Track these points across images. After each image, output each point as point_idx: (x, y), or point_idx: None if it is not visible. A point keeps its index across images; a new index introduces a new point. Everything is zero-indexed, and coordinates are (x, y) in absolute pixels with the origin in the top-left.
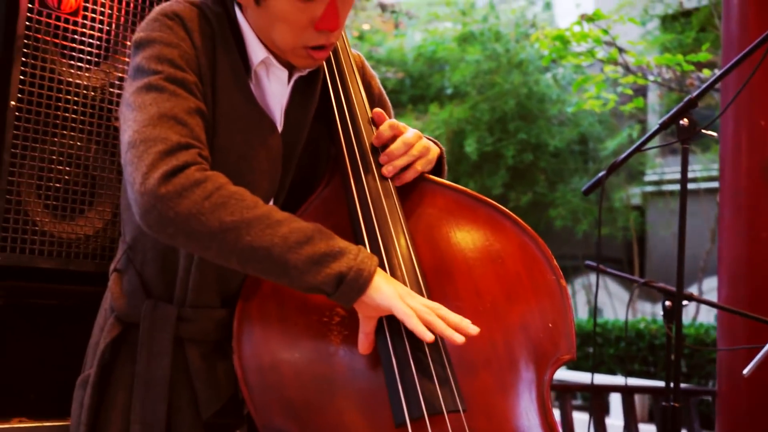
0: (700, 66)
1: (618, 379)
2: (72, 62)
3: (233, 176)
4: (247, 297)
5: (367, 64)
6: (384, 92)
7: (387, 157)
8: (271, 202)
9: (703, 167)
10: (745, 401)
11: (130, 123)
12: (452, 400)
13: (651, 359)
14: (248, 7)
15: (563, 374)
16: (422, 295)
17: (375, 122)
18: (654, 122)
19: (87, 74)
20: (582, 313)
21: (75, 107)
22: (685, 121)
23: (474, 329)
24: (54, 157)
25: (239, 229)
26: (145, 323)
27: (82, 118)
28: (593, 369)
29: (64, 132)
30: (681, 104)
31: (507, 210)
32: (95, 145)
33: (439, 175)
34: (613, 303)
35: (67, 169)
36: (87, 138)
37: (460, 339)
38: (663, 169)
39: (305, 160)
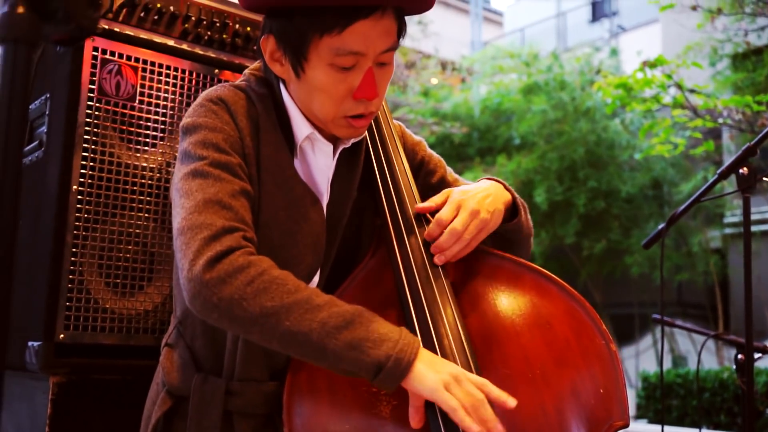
0: None
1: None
2: (131, 145)
3: (277, 251)
4: (296, 369)
5: (408, 131)
6: (433, 154)
7: (437, 249)
8: (317, 275)
9: None
10: None
11: (178, 210)
12: None
13: (737, 410)
14: (290, 81)
15: (643, 428)
16: (470, 366)
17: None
18: (728, 162)
19: (145, 155)
20: (665, 362)
21: (134, 188)
22: (744, 170)
23: (512, 402)
24: (114, 237)
25: (279, 315)
26: (195, 397)
27: (140, 197)
28: (661, 422)
29: (124, 212)
30: (739, 153)
31: (553, 275)
32: (153, 223)
33: (515, 219)
34: (696, 351)
35: (128, 247)
36: (146, 216)
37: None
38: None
39: (350, 232)
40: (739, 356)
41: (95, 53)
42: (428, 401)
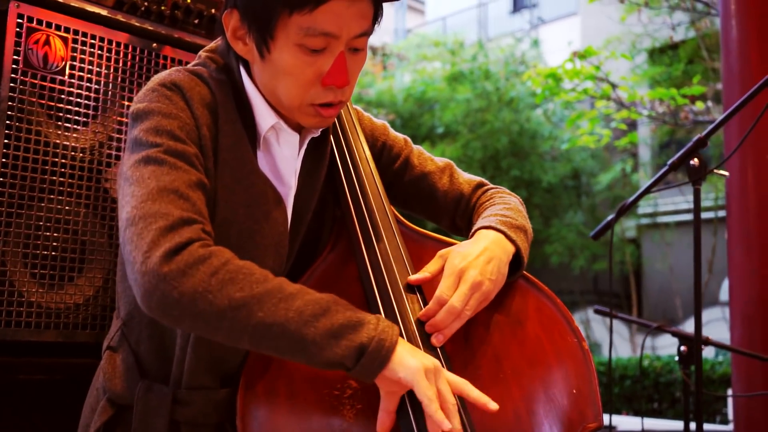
0: (692, 99)
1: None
2: (59, 123)
3: (235, 252)
4: (251, 373)
5: (365, 114)
6: (397, 136)
7: (433, 328)
8: None
9: None
10: None
11: (128, 198)
12: None
13: (656, 396)
14: (254, 62)
15: None
16: (441, 363)
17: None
18: (646, 155)
19: (75, 135)
20: None
21: (63, 170)
22: (695, 162)
23: (493, 406)
24: (41, 223)
25: (250, 306)
26: (139, 407)
27: (70, 181)
28: (609, 411)
29: (52, 196)
30: (690, 144)
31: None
32: (84, 209)
33: (518, 272)
34: (613, 339)
35: (56, 235)
36: (76, 202)
37: None
38: (657, 201)
39: (312, 225)
40: (682, 348)
41: (20, 21)
42: (400, 405)
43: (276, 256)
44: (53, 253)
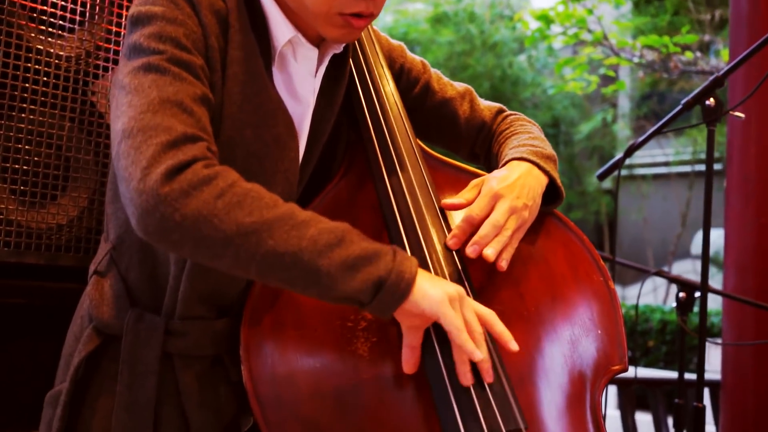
0: (683, 48)
1: None
2: (43, 28)
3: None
4: (256, 301)
5: (381, 33)
6: (414, 59)
7: (476, 246)
8: None
9: (676, 151)
10: (751, 396)
11: (124, 108)
12: (513, 417)
13: (630, 345)
14: None
15: None
16: (467, 292)
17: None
18: (626, 106)
19: (60, 42)
20: None
21: (46, 79)
22: (711, 101)
23: (513, 346)
24: (22, 136)
25: (260, 232)
26: (128, 337)
27: (54, 92)
28: None
29: (34, 107)
30: (706, 83)
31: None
32: (70, 123)
33: (555, 200)
34: None
35: (38, 149)
36: (60, 114)
37: (491, 377)
38: (635, 153)
39: (325, 150)
40: (681, 294)
41: None
42: (424, 341)
43: (285, 183)
44: (35, 169)
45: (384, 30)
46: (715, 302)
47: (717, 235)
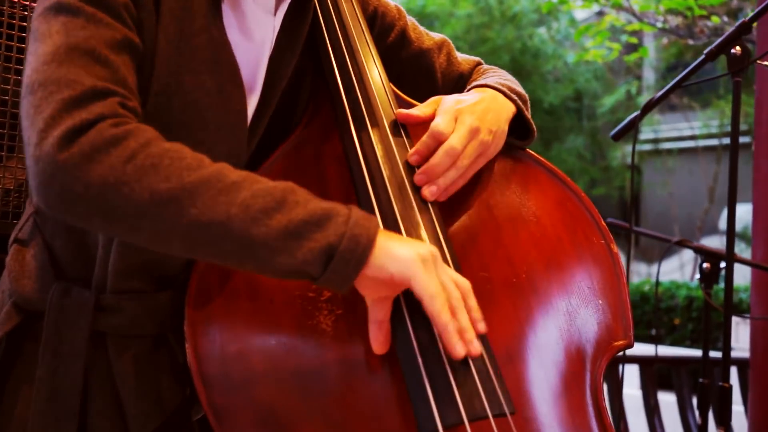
0: (710, 12)
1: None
2: None
3: (177, 131)
4: (204, 269)
5: None
6: (389, 3)
7: (425, 176)
8: None
9: (703, 124)
10: None
11: (30, 59)
12: (497, 400)
13: (655, 322)
14: None
15: None
16: (448, 263)
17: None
18: (651, 77)
19: None
20: None
21: None
22: (737, 50)
23: (482, 327)
24: None
25: (180, 200)
26: (52, 314)
27: None
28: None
29: None
30: (732, 30)
31: (541, 157)
32: (15, 76)
33: (525, 133)
34: None
35: None
36: (4, 66)
37: (476, 350)
38: (660, 127)
39: (284, 100)
40: (705, 265)
41: None
42: (393, 314)
43: (232, 139)
44: None
45: (401, 3)
46: (743, 277)
47: (745, 210)
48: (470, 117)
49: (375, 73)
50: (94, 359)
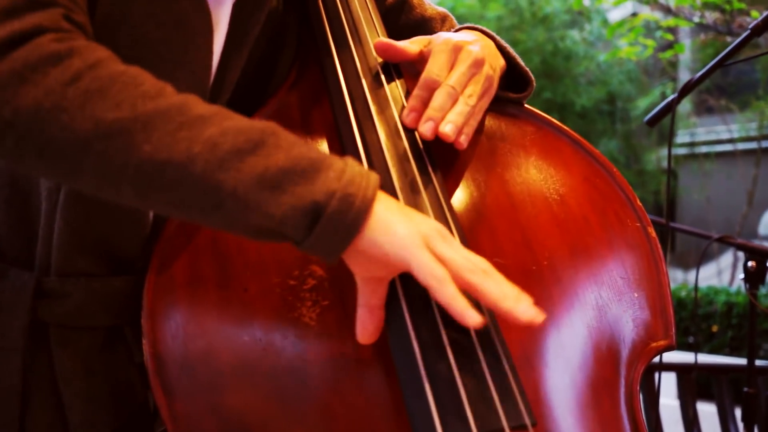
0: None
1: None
2: None
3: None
4: (166, 249)
5: None
6: None
7: (431, 122)
8: None
9: (741, 126)
10: None
11: None
12: (515, 409)
13: (693, 329)
14: None
15: None
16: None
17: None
18: (686, 79)
19: None
20: None
21: None
22: None
23: (539, 315)
24: None
25: (131, 134)
26: None
27: None
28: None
29: None
30: None
31: (566, 127)
32: None
33: (525, 93)
34: None
35: None
36: None
37: (526, 315)
38: (696, 130)
39: (262, 49)
40: (750, 264)
41: None
42: (389, 298)
43: (193, 80)
44: None
45: None
46: None
47: None
48: (471, 50)
49: (372, 27)
50: (34, 355)
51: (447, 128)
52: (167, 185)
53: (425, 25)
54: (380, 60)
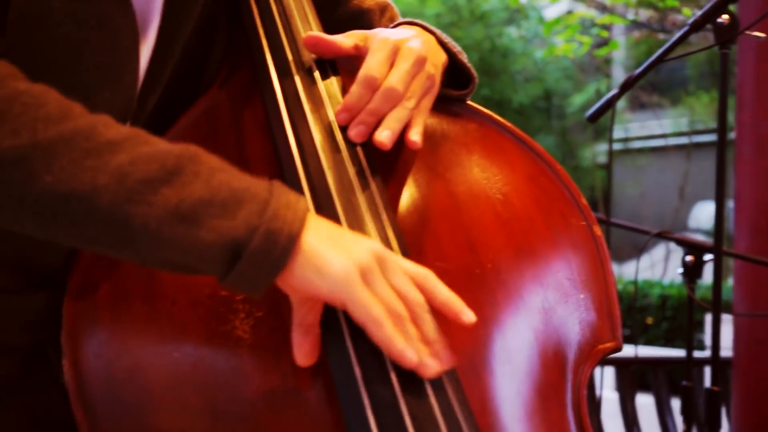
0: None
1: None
2: None
3: (40, 75)
4: (88, 262)
5: None
6: None
7: (362, 126)
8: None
9: (673, 122)
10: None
11: None
12: (456, 426)
13: (629, 323)
14: None
15: None
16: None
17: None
18: (620, 76)
19: None
20: None
21: None
22: (725, 18)
23: (469, 316)
24: None
25: (30, 162)
26: None
27: None
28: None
29: None
30: None
31: (509, 123)
32: None
33: (467, 90)
34: None
35: None
36: None
37: (432, 370)
38: (630, 125)
39: (193, 45)
40: (688, 258)
41: None
42: (326, 317)
43: (117, 85)
44: None
45: None
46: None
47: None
48: (411, 47)
49: (306, 22)
50: None
51: (383, 136)
52: (71, 219)
53: (363, 18)
54: (314, 56)
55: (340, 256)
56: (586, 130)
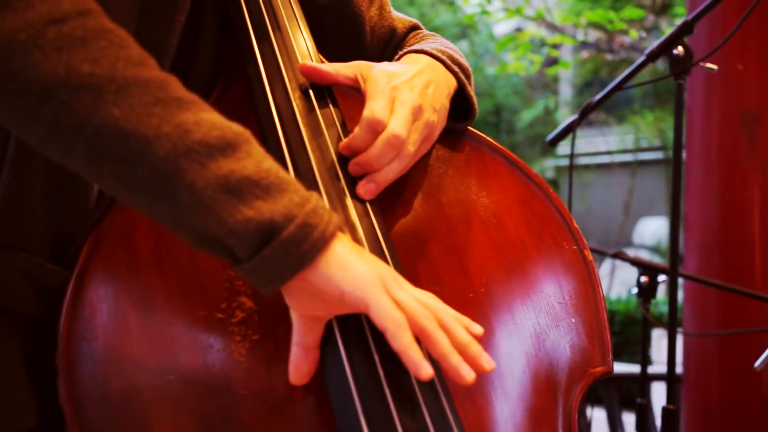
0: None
1: None
2: None
3: None
4: (82, 284)
5: None
6: None
7: (360, 168)
8: None
9: (618, 139)
10: (717, 391)
11: None
12: None
13: None
14: None
15: None
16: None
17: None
18: (568, 93)
19: None
20: None
21: None
22: (680, 50)
23: (478, 329)
24: None
25: (101, 92)
26: None
27: None
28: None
29: None
30: (674, 30)
31: (501, 146)
32: None
33: (465, 113)
34: None
35: None
36: None
37: (467, 378)
38: (577, 142)
39: (181, 58)
40: (642, 278)
41: None
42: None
43: None
44: None
45: None
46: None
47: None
48: (410, 94)
49: (300, 40)
50: None
51: (364, 189)
52: (124, 157)
53: (350, 7)
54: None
55: (365, 264)
56: (534, 146)
